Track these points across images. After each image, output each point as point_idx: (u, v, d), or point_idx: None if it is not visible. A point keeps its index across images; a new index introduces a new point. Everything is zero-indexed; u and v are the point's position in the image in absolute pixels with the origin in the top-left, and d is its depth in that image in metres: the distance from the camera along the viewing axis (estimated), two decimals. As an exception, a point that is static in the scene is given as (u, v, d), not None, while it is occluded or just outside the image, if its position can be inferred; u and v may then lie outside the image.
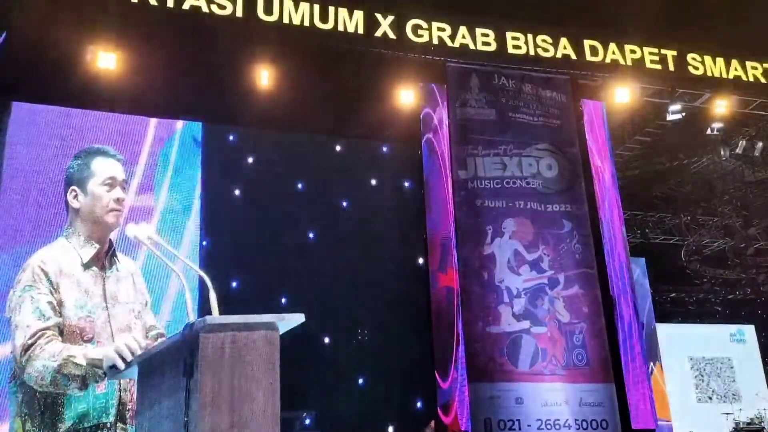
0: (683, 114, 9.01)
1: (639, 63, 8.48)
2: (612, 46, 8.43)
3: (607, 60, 8.39)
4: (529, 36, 8.18)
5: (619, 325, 7.51)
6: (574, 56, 8.27)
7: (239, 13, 7.17)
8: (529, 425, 6.86)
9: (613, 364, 7.25)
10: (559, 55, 8.22)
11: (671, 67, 8.59)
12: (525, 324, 7.20)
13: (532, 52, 8.15)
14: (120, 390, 2.63)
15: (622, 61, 8.42)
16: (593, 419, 6.98)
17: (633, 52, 8.49)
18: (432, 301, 7.63)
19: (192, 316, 2.41)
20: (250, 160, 8.31)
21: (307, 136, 8.64)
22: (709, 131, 9.53)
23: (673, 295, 15.84)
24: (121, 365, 2.37)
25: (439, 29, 7.90)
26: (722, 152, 10.55)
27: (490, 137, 7.83)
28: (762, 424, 13.14)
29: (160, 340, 2.73)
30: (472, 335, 7.08)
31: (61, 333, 2.52)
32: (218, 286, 2.45)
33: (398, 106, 8.17)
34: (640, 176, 12.43)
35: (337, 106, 8.07)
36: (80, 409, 2.53)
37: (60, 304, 2.54)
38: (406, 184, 8.85)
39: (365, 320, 8.37)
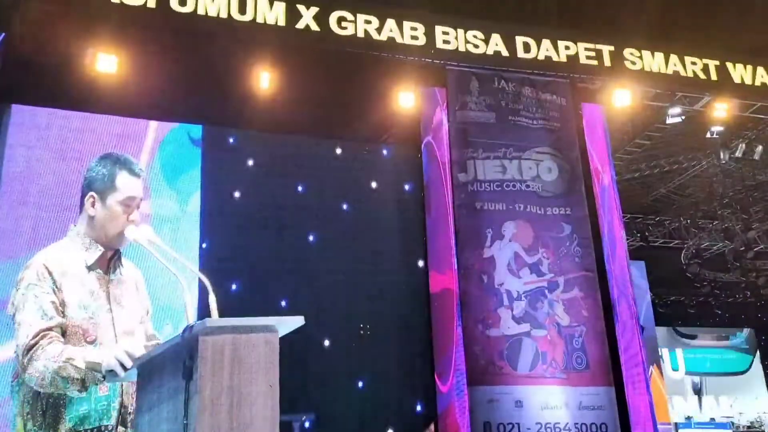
0: (683, 117, 9.02)
1: (639, 66, 8.48)
2: (612, 49, 8.43)
3: (607, 63, 8.39)
4: (529, 39, 8.19)
5: (618, 329, 7.50)
6: (574, 59, 8.28)
7: (239, 17, 7.17)
8: (528, 429, 6.85)
9: (612, 368, 7.25)
10: (559, 59, 8.22)
11: (671, 71, 8.59)
12: (525, 327, 7.20)
13: (531, 56, 8.15)
14: (122, 393, 2.64)
15: (621, 65, 8.43)
16: (593, 423, 6.97)
17: (633, 55, 8.50)
18: (431, 304, 7.63)
19: (191, 319, 2.41)
20: (250, 162, 8.30)
21: (307, 138, 8.63)
22: (708, 134, 9.54)
23: (673, 298, 15.86)
24: (120, 372, 2.36)
25: (440, 32, 7.91)
26: (722, 155, 10.57)
27: (489, 140, 7.84)
28: (762, 427, 13.15)
29: None
30: (471, 338, 7.08)
31: (63, 333, 2.52)
32: (217, 288, 2.45)
33: (398, 109, 8.17)
34: (640, 179, 12.45)
35: (337, 109, 8.08)
36: (82, 410, 2.53)
37: (63, 304, 2.55)
38: (406, 187, 8.84)
39: (365, 323, 8.35)
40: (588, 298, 7.43)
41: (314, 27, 7.43)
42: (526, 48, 8.15)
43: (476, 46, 8.00)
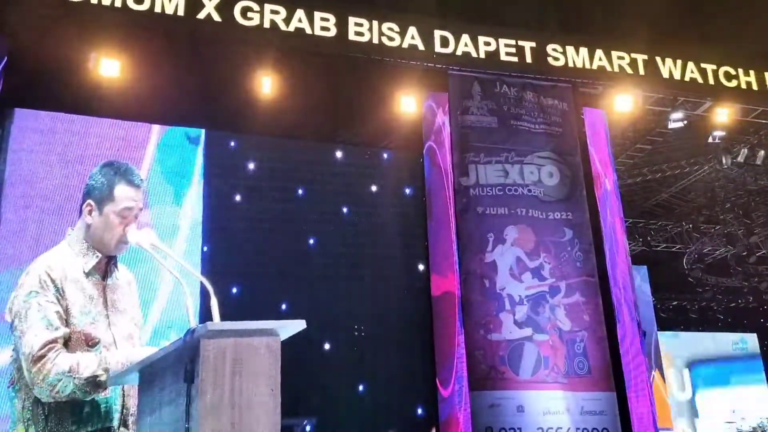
0: (685, 122, 9.02)
1: (640, 71, 8.49)
2: (614, 54, 8.44)
3: (609, 68, 8.40)
4: (531, 44, 8.20)
5: (620, 333, 7.49)
6: (576, 64, 8.29)
7: (242, 21, 7.19)
8: (530, 433, 6.85)
9: (614, 373, 7.24)
10: (560, 63, 8.23)
11: (673, 75, 8.60)
12: (527, 331, 7.19)
13: (533, 60, 8.16)
14: (124, 395, 2.64)
15: (623, 70, 8.44)
16: (594, 428, 6.96)
17: (635, 60, 8.50)
18: (433, 307, 7.63)
19: (193, 322, 2.41)
20: (251, 166, 8.32)
21: (308, 143, 8.65)
22: (710, 139, 9.54)
23: (675, 303, 15.85)
24: None
25: (441, 37, 7.92)
26: (724, 160, 10.56)
27: (491, 145, 7.84)
28: (764, 432, 13.12)
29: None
30: (473, 343, 7.07)
31: (67, 341, 2.51)
32: (218, 291, 2.45)
33: (400, 113, 8.18)
34: (642, 184, 12.45)
35: (338, 113, 8.10)
36: (84, 414, 2.53)
37: (67, 311, 2.54)
38: (407, 191, 8.85)
39: (366, 327, 8.35)
40: (589, 303, 7.42)
41: (316, 32, 7.45)
42: (529, 53, 8.16)
43: (478, 51, 8.01)
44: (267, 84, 7.57)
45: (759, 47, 8.91)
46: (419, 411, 8.23)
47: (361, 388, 8.11)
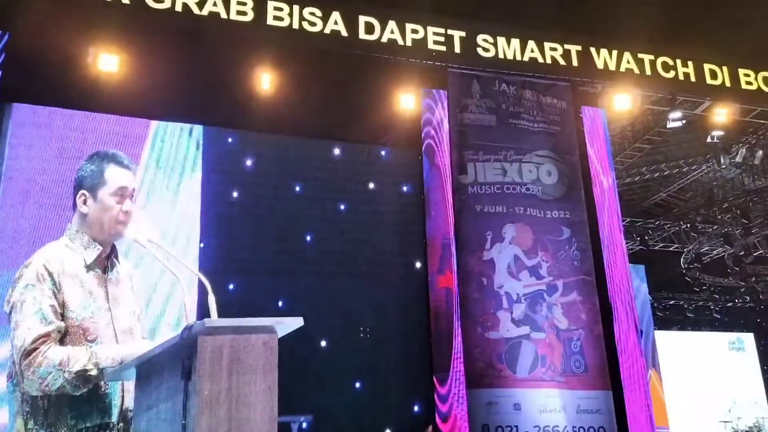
0: (683, 121, 9.02)
1: (639, 70, 8.49)
2: (613, 53, 8.44)
3: (608, 67, 8.40)
4: (531, 42, 8.20)
5: (617, 332, 7.50)
6: (574, 63, 8.29)
7: (241, 17, 7.18)
8: (527, 431, 6.85)
9: (611, 371, 7.25)
10: (559, 62, 8.23)
11: (671, 75, 8.60)
12: (525, 330, 7.20)
13: (533, 59, 8.16)
14: (122, 390, 2.64)
15: (622, 69, 8.44)
16: (590, 426, 6.97)
17: (633, 59, 8.51)
18: (431, 304, 7.63)
19: (190, 319, 2.41)
20: (249, 162, 8.31)
21: (307, 139, 8.64)
22: (709, 139, 9.54)
23: (672, 302, 15.86)
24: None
25: (441, 35, 7.92)
26: (722, 160, 10.57)
27: (490, 143, 7.84)
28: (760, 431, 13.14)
29: None
30: (470, 341, 7.08)
31: (63, 335, 2.51)
32: (215, 288, 2.45)
33: (399, 110, 8.18)
34: (640, 183, 12.47)
35: (337, 110, 8.08)
36: (83, 408, 2.53)
37: (63, 305, 2.54)
38: (405, 188, 8.84)
39: (363, 323, 8.35)
40: (586, 302, 7.43)
41: (316, 29, 7.44)
42: (528, 51, 8.16)
43: (478, 49, 8.01)
44: (266, 80, 7.56)
45: (758, 47, 8.92)
46: (416, 408, 8.24)
47: (358, 385, 8.11)
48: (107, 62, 7.03)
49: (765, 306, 15.88)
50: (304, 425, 7.62)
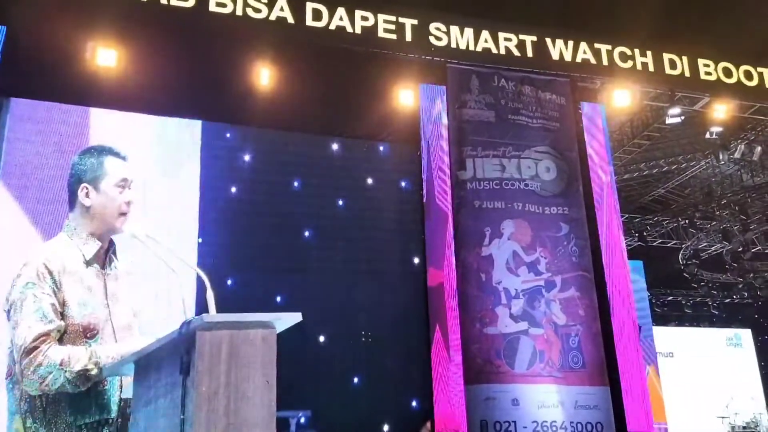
0: (682, 118, 9.02)
1: (639, 66, 8.48)
2: (612, 48, 8.43)
3: (607, 63, 8.38)
4: (530, 38, 8.19)
5: (615, 328, 7.50)
6: (574, 59, 8.27)
7: (239, 12, 7.16)
8: (524, 427, 6.86)
9: (609, 367, 7.25)
10: (558, 58, 8.22)
11: (670, 71, 8.59)
12: (523, 325, 7.20)
13: (532, 54, 8.15)
14: (122, 386, 2.64)
15: (621, 64, 8.43)
16: (588, 422, 6.98)
17: (633, 55, 8.49)
18: (429, 300, 7.63)
19: (189, 314, 2.40)
20: (247, 157, 8.30)
21: (305, 134, 8.63)
22: (707, 135, 9.54)
23: (670, 298, 15.88)
24: None
25: (440, 30, 7.91)
26: (721, 156, 10.57)
27: (489, 139, 7.83)
28: (758, 428, 13.16)
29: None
30: (469, 336, 7.08)
31: (63, 334, 2.50)
32: (213, 283, 2.44)
33: (397, 105, 8.17)
34: (639, 179, 12.48)
35: (336, 106, 8.07)
36: (82, 405, 2.52)
37: (63, 303, 2.53)
38: (403, 183, 8.85)
39: (361, 319, 8.36)
40: (585, 298, 7.43)
41: (314, 24, 7.42)
42: (527, 46, 8.15)
43: (477, 44, 8.00)
44: (265, 76, 7.55)
45: (757, 43, 8.91)
46: (414, 404, 8.25)
47: (356, 380, 8.13)
48: (105, 57, 7.01)
49: (763, 302, 15.91)
50: (303, 420, 7.63)
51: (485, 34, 8.05)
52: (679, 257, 14.70)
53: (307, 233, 8.41)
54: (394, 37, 7.69)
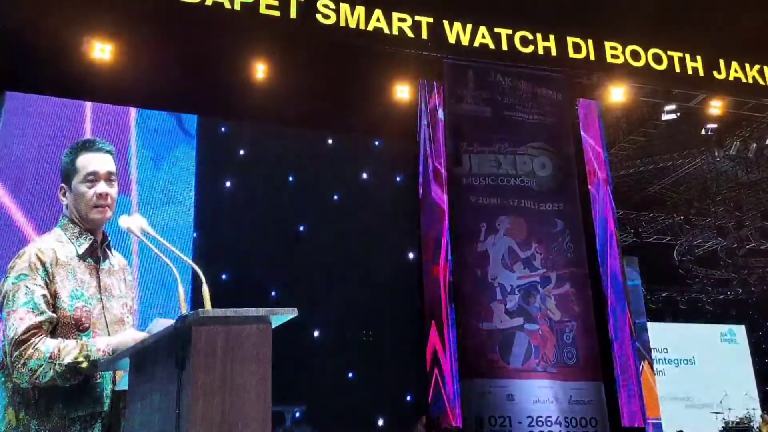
0: (678, 114, 9.03)
1: (635, 63, 8.49)
2: (608, 45, 8.43)
3: (603, 59, 8.39)
4: (526, 34, 8.18)
5: (610, 324, 7.53)
6: (570, 55, 8.27)
7: (236, 6, 7.14)
8: (519, 422, 6.88)
9: (604, 363, 7.28)
10: (555, 54, 8.22)
11: (666, 67, 8.60)
12: (518, 321, 7.21)
13: (528, 50, 8.15)
14: (114, 380, 2.64)
15: (617, 61, 8.43)
16: (582, 417, 7.01)
17: (629, 51, 8.50)
18: (425, 294, 7.64)
19: (184, 309, 2.40)
20: (242, 152, 8.30)
21: (300, 129, 8.63)
22: (703, 132, 9.56)
23: (665, 294, 15.92)
24: None
25: (436, 26, 7.89)
26: (716, 153, 10.59)
27: (485, 134, 7.84)
28: (751, 423, 13.21)
29: None
30: (465, 332, 7.09)
31: (55, 326, 2.50)
32: (209, 278, 2.44)
33: (394, 101, 8.17)
34: (634, 176, 12.48)
35: (332, 101, 8.06)
36: (75, 397, 2.52)
37: (55, 296, 2.53)
38: (398, 178, 8.85)
39: (356, 314, 8.37)
40: (579, 294, 7.45)
41: (311, 19, 7.40)
42: (523, 42, 8.14)
43: (473, 40, 7.99)
44: (261, 71, 7.54)
45: (752, 40, 8.91)
46: (408, 398, 8.27)
47: (351, 375, 8.14)
48: (101, 51, 7.01)
49: (757, 298, 15.97)
50: (298, 415, 7.65)
51: (482, 30, 8.04)
52: (674, 253, 14.73)
53: (301, 227, 8.41)
54: (390, 32, 7.68)
